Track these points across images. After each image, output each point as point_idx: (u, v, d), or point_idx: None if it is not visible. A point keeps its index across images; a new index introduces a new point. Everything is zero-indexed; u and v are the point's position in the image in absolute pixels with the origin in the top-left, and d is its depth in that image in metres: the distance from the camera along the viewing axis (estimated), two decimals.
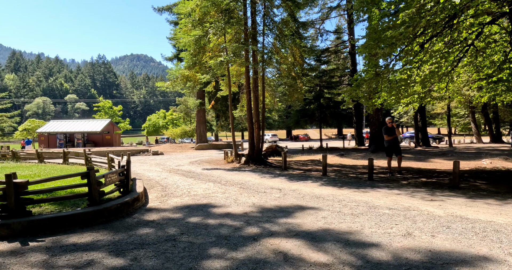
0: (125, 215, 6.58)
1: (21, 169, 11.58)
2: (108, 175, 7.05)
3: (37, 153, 18.13)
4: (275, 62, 16.61)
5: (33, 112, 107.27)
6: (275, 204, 7.35)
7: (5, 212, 5.62)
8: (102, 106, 68.45)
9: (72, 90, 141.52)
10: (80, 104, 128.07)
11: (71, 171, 11.34)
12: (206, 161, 19.04)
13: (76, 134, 39.58)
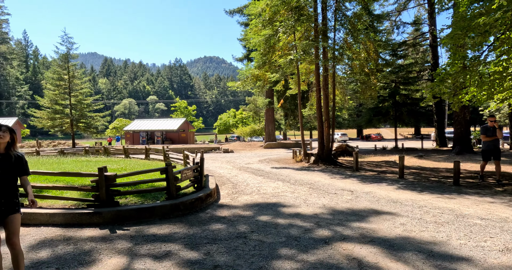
0: (198, 210, 6.89)
1: (110, 163, 12.94)
2: (183, 171, 7.45)
3: (123, 149, 20.13)
4: (347, 58, 15.96)
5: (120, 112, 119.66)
6: (347, 206, 7.02)
7: (97, 201, 6.28)
8: (178, 106, 73.41)
9: (153, 92, 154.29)
10: (159, 104, 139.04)
11: (151, 166, 12.31)
12: (274, 159, 19.14)
13: (156, 132, 43.05)
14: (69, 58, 35.86)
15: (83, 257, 4.41)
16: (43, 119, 35.30)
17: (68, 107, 35.20)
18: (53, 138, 68.57)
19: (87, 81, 40.72)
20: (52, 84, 36.28)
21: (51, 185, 6.93)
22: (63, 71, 35.27)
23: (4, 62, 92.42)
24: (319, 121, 16.35)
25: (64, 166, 11.44)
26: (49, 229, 5.64)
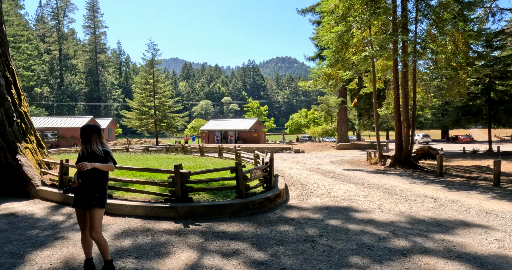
0: (267, 210, 6.89)
1: (186, 161, 13.77)
2: (253, 171, 7.53)
3: (199, 147, 21.33)
4: (430, 52, 14.53)
5: (198, 112, 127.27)
6: (429, 215, 6.35)
7: (173, 196, 6.68)
8: (250, 106, 75.32)
9: (227, 93, 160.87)
10: (233, 105, 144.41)
11: (223, 165, 12.76)
12: (347, 161, 18.37)
13: (229, 132, 44.77)
14: (154, 64, 39.28)
15: (159, 248, 4.71)
16: (132, 119, 39.24)
17: (153, 108, 38.54)
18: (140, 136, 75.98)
19: (169, 84, 44.13)
20: (139, 88, 40.17)
21: (135, 180, 7.59)
22: (148, 76, 38.77)
23: (102, 70, 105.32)
24: (397, 121, 15.21)
25: (147, 163, 12.50)
26: (131, 220, 6.17)
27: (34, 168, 9.23)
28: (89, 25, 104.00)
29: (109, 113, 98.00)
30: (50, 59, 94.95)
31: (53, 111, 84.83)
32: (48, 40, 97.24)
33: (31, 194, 8.79)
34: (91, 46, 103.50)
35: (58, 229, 5.80)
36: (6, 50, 10.11)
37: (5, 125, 9.23)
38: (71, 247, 4.88)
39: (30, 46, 78.47)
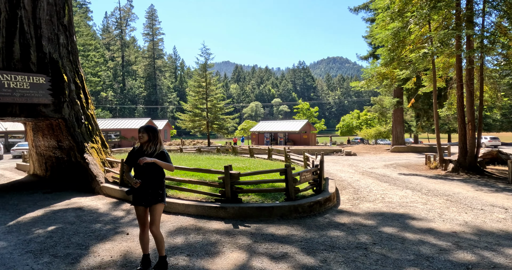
0: (316, 214, 6.73)
1: (236, 162, 14.00)
2: (302, 173, 7.41)
3: (249, 149, 21.59)
4: (500, 46, 13.19)
5: (248, 114, 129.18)
6: (499, 227, 5.74)
7: (223, 197, 6.81)
8: (300, 108, 74.61)
9: (277, 95, 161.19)
10: (283, 106, 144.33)
11: (272, 167, 12.76)
12: (403, 165, 17.35)
13: (279, 133, 44.75)
14: (207, 68, 40.69)
15: (209, 247, 4.81)
16: (186, 121, 40.98)
17: (205, 110, 39.89)
18: (193, 137, 79.03)
19: (220, 87, 45.43)
20: (193, 91, 41.84)
21: (187, 179, 7.88)
22: (201, 79, 40.22)
23: (159, 74, 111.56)
24: (461, 123, 14.03)
25: (199, 163, 12.92)
26: (184, 218, 6.40)
27: (98, 166, 10.01)
28: (148, 32, 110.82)
29: (165, 115, 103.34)
30: (114, 66, 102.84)
31: (116, 113, 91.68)
32: (112, 48, 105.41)
33: (96, 190, 9.54)
34: (150, 52, 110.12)
35: (118, 224, 6.21)
36: (76, 59, 11.11)
37: (75, 127, 10.13)
38: (129, 241, 5.18)
39: (97, 54, 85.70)
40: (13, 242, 5.28)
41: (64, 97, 9.88)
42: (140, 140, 3.88)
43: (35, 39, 9.55)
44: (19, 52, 9.18)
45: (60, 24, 10.39)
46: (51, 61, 9.85)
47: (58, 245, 5.04)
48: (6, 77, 8.69)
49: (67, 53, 10.56)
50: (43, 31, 9.75)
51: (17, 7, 9.16)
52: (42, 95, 9.39)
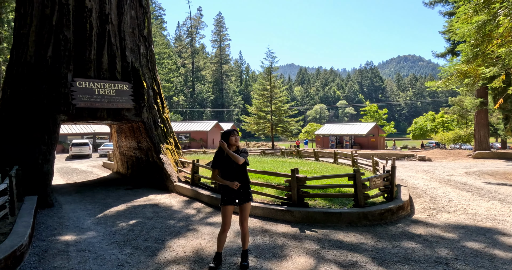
0: (388, 223, 6.35)
1: (301, 165, 13.87)
2: (372, 179, 7.07)
3: (314, 152, 21.26)
4: None
5: (312, 117, 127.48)
6: None
7: (289, 200, 6.79)
8: (368, 110, 71.34)
9: (343, 97, 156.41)
10: (348, 108, 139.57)
11: (339, 171, 12.37)
12: (488, 173, 15.53)
13: (344, 136, 43.32)
14: (271, 71, 41.17)
15: (276, 250, 4.84)
16: (251, 123, 41.88)
17: (269, 113, 40.34)
18: (257, 140, 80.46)
19: (284, 90, 45.55)
20: (257, 94, 42.64)
21: (254, 181, 8.02)
22: (266, 82, 40.80)
23: (226, 78, 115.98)
24: None
25: (264, 165, 13.09)
26: (251, 219, 6.53)
27: (172, 166, 10.73)
28: (216, 39, 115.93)
29: (231, 118, 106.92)
30: (185, 72, 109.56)
31: (186, 116, 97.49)
32: (184, 55, 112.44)
33: (170, 189, 10.22)
34: (217, 58, 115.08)
35: (190, 222, 6.56)
36: (154, 67, 12.08)
37: (152, 129, 10.99)
38: (200, 239, 5.45)
39: (170, 61, 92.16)
40: (101, 232, 5.91)
41: (143, 102, 10.80)
42: (235, 142, 4.16)
43: (120, 50, 10.61)
44: (107, 62, 10.28)
45: (141, 36, 11.40)
46: (133, 69, 10.84)
47: (139, 238, 5.51)
48: (97, 85, 9.79)
49: (146, 62, 11.53)
50: (127, 42, 10.78)
51: (106, 23, 10.27)
52: (125, 100, 10.38)
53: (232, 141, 4.12)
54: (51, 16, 9.45)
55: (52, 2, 9.46)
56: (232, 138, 4.13)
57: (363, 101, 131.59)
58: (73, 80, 9.40)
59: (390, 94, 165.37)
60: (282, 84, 48.59)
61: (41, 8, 9.50)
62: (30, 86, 9.11)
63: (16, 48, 9.73)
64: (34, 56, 9.33)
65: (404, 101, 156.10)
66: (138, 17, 11.32)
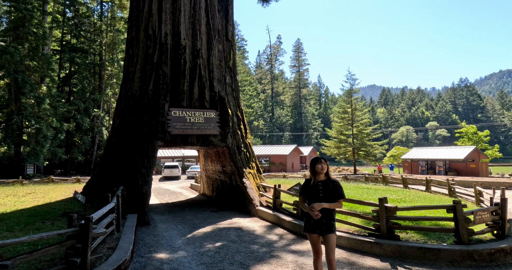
0: (500, 265, 5.44)
1: (389, 193, 12.90)
2: (477, 212, 6.20)
3: (402, 178, 19.63)
4: None
5: (398, 140, 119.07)
6: None
7: (378, 232, 6.33)
8: (464, 131, 63.81)
9: (433, 118, 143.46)
10: (440, 130, 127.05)
11: (433, 201, 11.16)
12: None
13: (437, 161, 39.24)
14: (352, 93, 40.13)
15: None
16: (331, 147, 40.87)
17: (351, 136, 38.95)
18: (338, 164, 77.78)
19: (366, 112, 43.77)
20: (338, 117, 41.72)
21: (337, 209, 7.71)
22: (346, 105, 39.80)
23: (304, 102, 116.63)
24: None
25: (347, 192, 12.52)
26: (336, 250, 6.23)
27: (254, 190, 10.98)
28: (295, 64, 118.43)
29: (310, 141, 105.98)
30: (265, 97, 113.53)
31: (265, 140, 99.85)
32: (264, 81, 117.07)
33: (252, 213, 10.42)
34: (296, 82, 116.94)
35: (273, 248, 6.55)
36: (238, 95, 12.80)
37: (236, 154, 11.50)
38: (284, 267, 5.38)
39: (251, 88, 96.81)
40: (191, 253, 6.25)
41: (228, 128, 11.45)
42: (321, 171, 4.10)
43: (208, 81, 11.55)
44: (198, 92, 11.25)
45: (227, 67, 12.28)
46: (219, 98, 11.65)
47: (224, 261, 5.67)
48: (189, 113, 10.74)
49: (231, 91, 12.31)
50: (214, 73, 11.71)
51: (197, 57, 11.36)
52: (213, 127, 11.13)
53: (319, 169, 4.07)
54: (152, 55, 10.84)
55: (154, 43, 10.88)
56: (318, 166, 4.08)
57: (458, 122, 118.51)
58: (169, 110, 10.49)
59: (492, 113, 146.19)
60: (364, 106, 46.81)
61: (145, 49, 10.98)
62: (134, 116, 10.43)
63: (125, 83, 11.32)
64: (139, 90, 10.72)
65: (510, 121, 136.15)
66: (224, 50, 12.27)
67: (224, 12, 12.48)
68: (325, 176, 4.12)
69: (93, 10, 43.05)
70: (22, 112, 26.94)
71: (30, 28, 28.52)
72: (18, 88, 27.24)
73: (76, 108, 35.90)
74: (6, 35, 29.15)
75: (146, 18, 11.10)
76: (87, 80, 38.84)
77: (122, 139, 10.45)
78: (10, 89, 28.70)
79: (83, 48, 39.36)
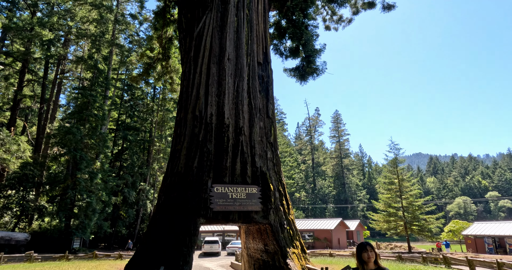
0: None
1: None
2: None
3: (468, 260, 17.23)
4: None
5: (454, 212, 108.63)
6: None
7: None
8: None
9: (492, 187, 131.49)
10: (503, 201, 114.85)
11: None
12: None
13: (506, 239, 34.53)
14: (397, 163, 38.59)
15: None
16: (379, 221, 38.00)
17: (400, 209, 36.24)
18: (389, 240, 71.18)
19: (415, 182, 41.25)
20: (384, 188, 39.62)
21: None
22: (393, 176, 38.01)
23: (347, 172, 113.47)
24: None
25: None
26: None
27: None
28: (334, 135, 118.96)
29: (356, 214, 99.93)
30: (306, 168, 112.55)
31: (308, 213, 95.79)
32: (304, 152, 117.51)
33: None
34: (337, 152, 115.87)
35: None
36: (279, 169, 12.81)
37: (279, 232, 11.02)
38: None
39: (291, 159, 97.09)
40: None
41: (270, 204, 11.20)
42: (368, 260, 3.76)
43: (250, 157, 11.79)
44: (240, 168, 11.43)
45: (268, 142, 12.58)
46: (261, 173, 11.70)
47: None
48: (231, 189, 10.79)
49: (272, 166, 12.38)
50: (256, 149, 11.98)
51: (239, 134, 11.84)
52: (254, 203, 10.97)
53: (365, 258, 3.70)
54: (198, 133, 11.49)
55: (200, 123, 11.63)
56: (364, 254, 3.71)
57: None
58: (212, 186, 10.63)
59: None
60: (412, 176, 44.35)
61: (191, 128, 11.71)
62: (179, 192, 10.66)
63: (171, 161, 11.87)
64: (184, 167, 11.13)
65: None
66: (265, 126, 12.74)
67: (264, 92, 13.30)
68: (374, 264, 3.72)
69: (147, 93, 48.08)
70: (77, 186, 28.74)
71: (92, 110, 32.11)
72: (75, 164, 29.58)
73: (124, 182, 37.73)
74: (72, 117, 32.95)
75: (194, 101, 12.09)
76: (136, 155, 41.46)
77: (165, 216, 10.54)
78: (68, 165, 31.25)
79: (136, 126, 43.02)
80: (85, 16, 35.39)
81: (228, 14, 13.15)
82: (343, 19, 21.04)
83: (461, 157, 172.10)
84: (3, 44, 35.90)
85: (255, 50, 13.57)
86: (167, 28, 18.28)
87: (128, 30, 41.29)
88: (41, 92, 37.88)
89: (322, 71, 15.69)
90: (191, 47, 13.03)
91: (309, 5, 15.91)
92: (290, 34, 15.65)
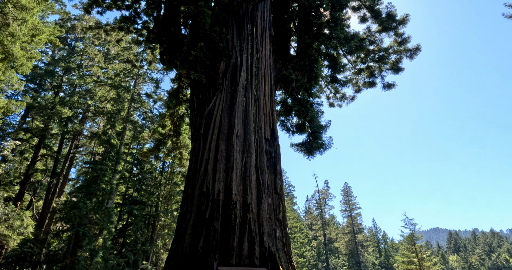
0: None
1: None
2: None
3: None
4: None
5: None
6: None
7: None
8: None
9: None
10: None
11: None
12: None
13: None
14: (414, 239, 36.33)
15: None
16: None
17: None
18: None
19: (437, 262, 38.21)
20: (403, 268, 36.56)
21: None
22: (411, 254, 35.44)
23: (362, 250, 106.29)
24: None
25: None
26: None
27: None
28: (345, 208, 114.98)
29: None
30: (317, 245, 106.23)
31: None
32: (314, 227, 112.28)
33: None
34: (349, 227, 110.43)
35: None
36: (289, 250, 12.09)
37: None
38: None
39: (302, 234, 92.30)
40: None
41: None
42: None
43: (258, 235, 11.25)
44: (247, 249, 10.82)
45: (276, 220, 12.12)
46: (270, 254, 11.01)
47: None
48: None
49: (282, 245, 11.71)
50: (264, 228, 11.49)
51: (247, 211, 11.50)
52: None
53: None
54: (205, 211, 11.21)
55: (207, 199, 11.43)
56: None
57: None
58: (217, 269, 9.94)
59: None
60: (432, 254, 41.24)
61: (198, 205, 11.47)
62: None
63: (176, 240, 11.36)
64: (189, 247, 10.59)
65: None
66: (274, 203, 12.43)
67: (272, 168, 13.32)
68: None
69: (156, 167, 48.65)
70: (75, 265, 27.19)
71: (101, 185, 32.16)
72: (77, 241, 28.46)
73: (126, 261, 35.71)
74: (80, 191, 32.89)
75: (202, 177, 12.09)
76: (140, 231, 40.01)
77: None
78: (70, 242, 30.08)
79: (142, 200, 42.48)
80: (103, 95, 37.99)
81: (237, 95, 13.97)
82: (346, 97, 22.12)
83: (482, 232, 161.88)
84: (24, 121, 38.00)
85: (262, 127, 14.04)
86: (179, 107, 19.31)
87: (142, 107, 43.78)
88: (53, 166, 38.62)
89: (328, 146, 15.91)
90: (201, 125, 13.55)
91: (313, 85, 16.93)
92: (296, 111, 16.33)
